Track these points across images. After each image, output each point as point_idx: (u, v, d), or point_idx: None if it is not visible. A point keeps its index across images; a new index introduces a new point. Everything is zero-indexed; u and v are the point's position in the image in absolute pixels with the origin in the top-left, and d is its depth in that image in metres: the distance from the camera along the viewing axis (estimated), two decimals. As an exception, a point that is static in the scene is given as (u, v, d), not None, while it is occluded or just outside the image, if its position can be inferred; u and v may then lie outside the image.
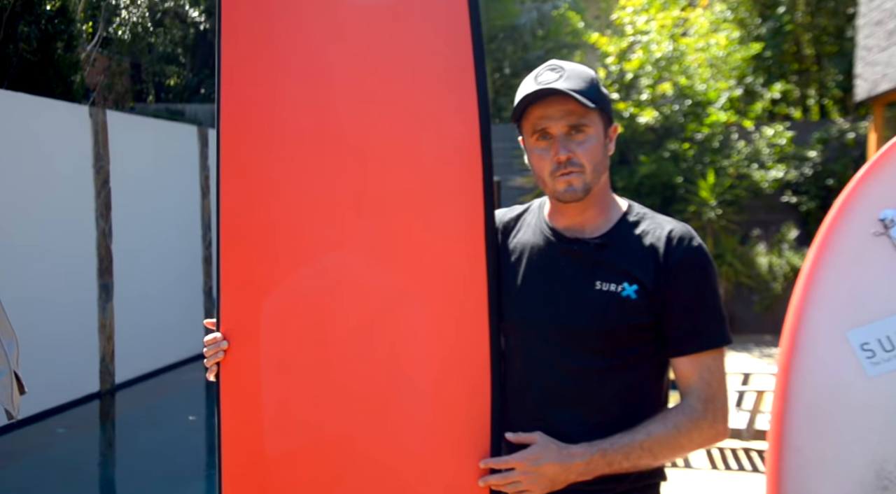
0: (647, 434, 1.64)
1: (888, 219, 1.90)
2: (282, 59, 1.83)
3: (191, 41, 15.23)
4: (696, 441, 1.67)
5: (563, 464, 1.63)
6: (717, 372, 1.69)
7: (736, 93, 11.56)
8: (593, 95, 1.68)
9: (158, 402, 8.47)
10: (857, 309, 1.89)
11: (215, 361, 1.80)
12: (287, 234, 1.81)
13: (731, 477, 5.14)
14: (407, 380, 1.78)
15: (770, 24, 12.92)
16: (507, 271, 1.80)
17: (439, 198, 1.78)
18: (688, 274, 1.67)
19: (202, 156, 10.11)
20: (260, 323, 1.79)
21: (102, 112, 8.30)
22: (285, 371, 1.80)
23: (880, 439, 1.83)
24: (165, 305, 9.17)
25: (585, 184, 1.69)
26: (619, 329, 1.67)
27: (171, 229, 9.48)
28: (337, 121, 1.81)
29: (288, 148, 1.81)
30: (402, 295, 1.78)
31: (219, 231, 1.81)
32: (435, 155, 1.79)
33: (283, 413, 1.79)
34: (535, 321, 1.73)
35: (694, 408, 1.66)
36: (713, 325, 1.69)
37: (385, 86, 1.80)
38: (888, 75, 8.43)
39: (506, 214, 1.90)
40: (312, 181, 1.81)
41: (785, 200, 10.77)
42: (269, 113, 1.82)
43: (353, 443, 1.78)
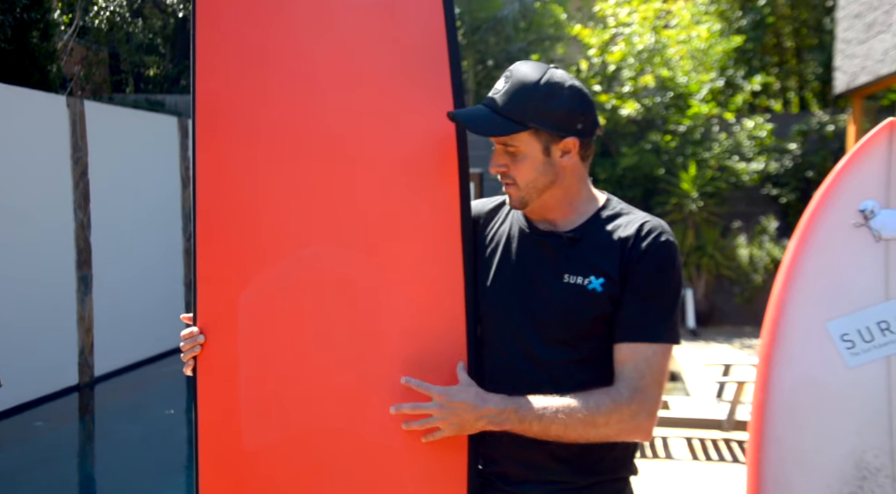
0: (566, 404, 1.61)
1: (868, 209, 1.91)
2: (257, 50, 1.81)
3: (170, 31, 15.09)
4: (614, 426, 1.62)
5: (476, 406, 1.62)
6: (655, 366, 1.64)
7: (717, 86, 11.60)
8: (521, 114, 1.63)
9: (138, 395, 8.41)
10: (837, 301, 1.89)
11: (192, 355, 1.78)
12: (263, 227, 1.79)
13: (712, 468, 5.17)
14: (385, 372, 1.77)
15: (751, 16, 12.97)
16: (483, 260, 1.79)
17: (416, 190, 1.78)
18: (647, 263, 1.65)
19: (182, 148, 10.02)
20: (237, 316, 1.77)
21: (80, 102, 8.20)
22: (263, 364, 1.78)
23: (859, 430, 1.84)
24: (145, 297, 9.10)
25: (520, 197, 1.70)
26: (584, 321, 1.66)
27: (151, 221, 9.40)
28: (312, 113, 1.79)
29: (264, 140, 1.80)
30: (379, 287, 1.77)
31: (194, 223, 1.79)
32: (411, 146, 1.78)
33: (260, 407, 1.78)
34: (507, 311, 1.73)
35: (620, 393, 1.62)
36: (661, 319, 1.65)
37: (361, 78, 1.79)
38: (867, 68, 8.49)
39: (486, 204, 1.89)
40: (288, 173, 1.79)
41: (765, 192, 10.84)
42: (244, 105, 1.80)
43: (331, 437, 1.77)
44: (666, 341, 1.66)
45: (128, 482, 5.91)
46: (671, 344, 1.67)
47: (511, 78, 1.67)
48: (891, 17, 7.94)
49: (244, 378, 1.78)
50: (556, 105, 1.65)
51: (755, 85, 11.70)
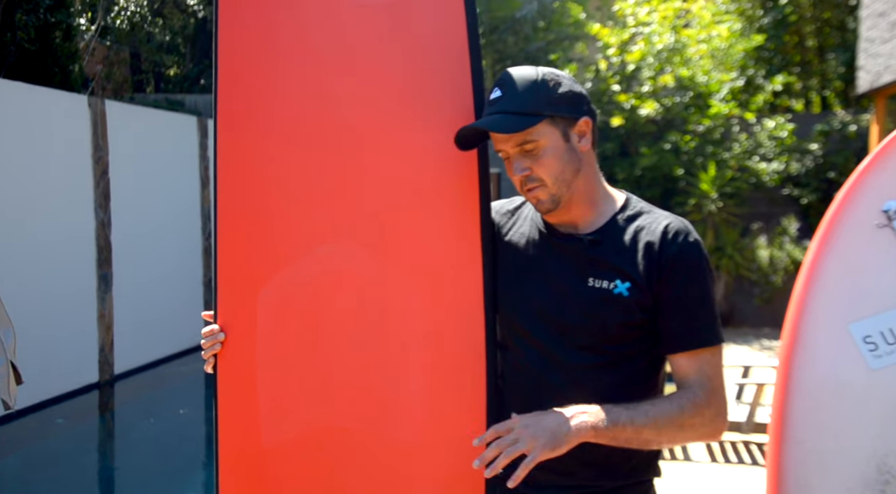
0: (653, 405, 1.60)
1: (892, 210, 1.88)
2: (279, 49, 1.82)
3: (191, 31, 15.18)
4: (698, 427, 1.62)
5: (563, 415, 1.54)
6: (717, 368, 1.66)
7: (737, 85, 11.52)
8: (534, 106, 1.63)
9: (157, 393, 8.47)
10: (859, 302, 1.87)
11: (212, 353, 1.79)
12: (284, 226, 1.79)
13: (731, 470, 5.14)
14: (403, 372, 1.77)
15: (772, 15, 12.86)
16: (503, 264, 1.78)
17: (436, 191, 1.78)
18: (681, 269, 1.63)
19: (202, 147, 10.08)
20: (257, 315, 1.78)
21: (101, 102, 8.27)
22: (282, 363, 1.78)
23: (882, 433, 1.82)
24: (165, 296, 9.16)
25: (551, 196, 1.67)
26: (611, 326, 1.64)
27: (171, 220, 9.46)
28: (335, 112, 1.79)
29: (285, 139, 1.80)
30: (398, 287, 1.77)
31: (216, 222, 1.80)
32: (431, 146, 1.78)
33: (279, 405, 1.78)
34: (528, 315, 1.71)
35: (698, 395, 1.62)
36: (709, 322, 1.66)
37: (382, 79, 1.79)
38: (891, 67, 8.40)
39: (504, 206, 1.88)
40: (310, 173, 1.79)
41: (786, 193, 10.75)
42: (266, 103, 1.81)
43: (349, 435, 1.77)
44: (719, 342, 1.67)
45: (147, 479, 5.95)
46: (722, 343, 1.68)
47: (507, 82, 1.67)
48: (914, 16, 7.85)
49: (263, 376, 1.78)
50: (561, 90, 1.66)
51: (776, 84, 11.61)
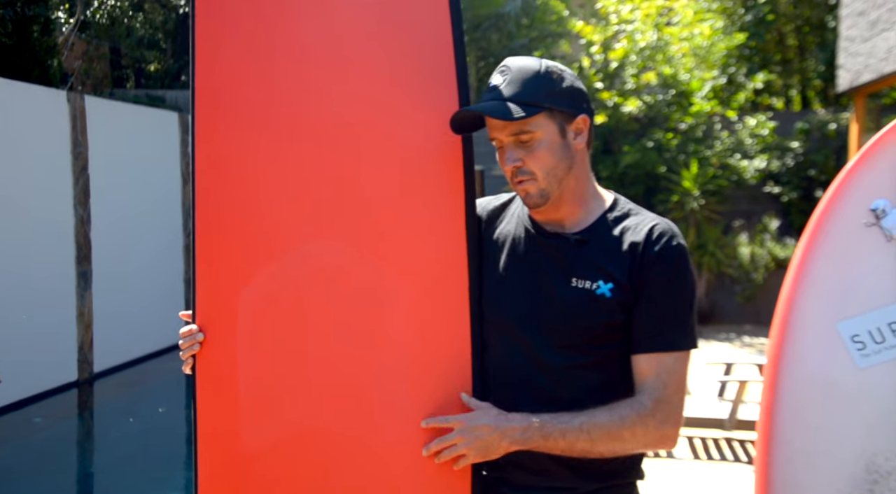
0: (589, 418, 1.59)
1: (879, 209, 1.88)
2: (258, 44, 1.78)
3: (171, 26, 15.05)
4: (640, 438, 1.61)
5: (499, 427, 1.59)
6: (677, 375, 1.62)
7: (719, 83, 11.57)
8: (535, 97, 1.61)
9: (137, 392, 8.39)
10: (847, 301, 1.86)
11: (191, 354, 1.75)
12: (264, 224, 1.76)
13: (714, 467, 5.15)
14: (387, 372, 1.74)
15: (753, 13, 12.93)
16: (488, 261, 1.76)
17: (420, 187, 1.75)
18: (661, 269, 1.61)
19: (183, 143, 9.99)
20: (237, 314, 1.74)
21: (80, 97, 8.17)
22: (263, 363, 1.75)
23: (870, 432, 1.81)
24: (145, 294, 9.08)
25: (541, 190, 1.65)
26: (594, 327, 1.63)
27: (152, 217, 9.37)
28: (315, 108, 1.76)
29: (264, 135, 1.76)
30: (381, 286, 1.74)
31: (193, 220, 1.76)
32: (415, 142, 1.75)
33: (260, 406, 1.75)
34: (511, 314, 1.70)
35: (643, 405, 1.60)
36: (680, 326, 1.63)
37: (364, 73, 1.76)
38: (870, 66, 8.45)
39: (490, 202, 1.86)
40: (290, 169, 1.76)
41: (767, 191, 10.81)
42: (245, 99, 1.77)
43: (332, 437, 1.74)
44: (686, 348, 1.63)
45: (126, 478, 5.89)
46: (690, 350, 1.64)
47: (510, 70, 1.65)
48: (894, 15, 7.90)
49: (243, 377, 1.75)
50: (564, 85, 1.65)
51: (757, 83, 11.67)
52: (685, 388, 1.64)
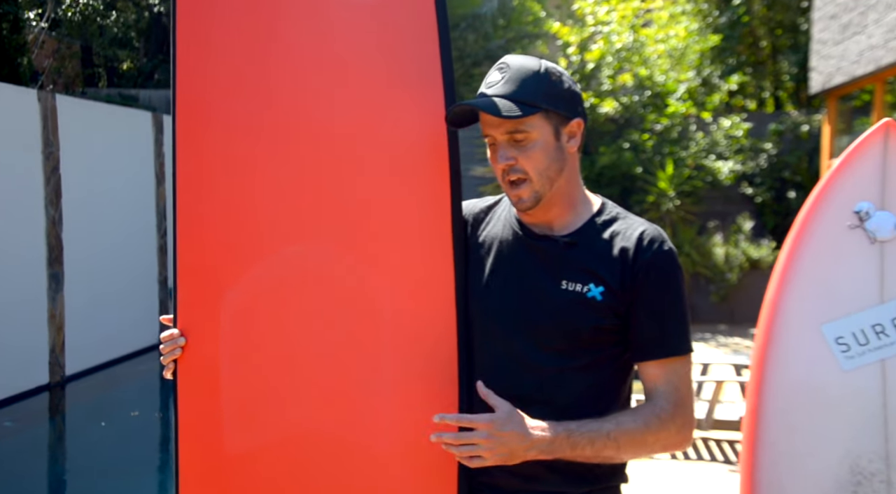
0: (616, 425, 1.59)
1: (863, 211, 1.88)
2: (241, 43, 1.75)
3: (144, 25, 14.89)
4: (662, 441, 1.62)
5: (527, 436, 1.55)
6: (686, 378, 1.64)
7: (694, 85, 11.65)
8: (533, 97, 1.60)
9: (110, 395, 8.28)
10: (832, 303, 1.87)
11: (172, 358, 1.72)
12: (247, 227, 1.73)
13: (690, 467, 5.17)
14: (373, 375, 1.72)
15: (727, 15, 13.04)
16: (474, 264, 1.74)
17: (405, 189, 1.73)
18: (654, 276, 1.62)
19: (157, 143, 9.88)
20: (219, 318, 1.72)
21: (52, 96, 8.05)
22: (246, 367, 1.72)
23: (854, 434, 1.81)
24: (118, 295, 8.96)
25: (534, 193, 1.64)
26: (583, 330, 1.62)
27: (125, 218, 9.26)
28: (299, 108, 1.74)
29: (247, 136, 1.74)
30: (367, 288, 1.72)
31: (175, 223, 1.73)
32: (401, 144, 1.73)
33: (243, 411, 1.72)
34: (500, 316, 1.68)
35: (664, 409, 1.61)
36: (680, 331, 1.64)
37: (349, 74, 1.74)
38: (842, 68, 8.55)
39: (476, 205, 1.84)
40: (273, 171, 1.73)
41: (741, 191, 10.90)
42: (227, 100, 1.74)
43: (317, 442, 1.72)
44: (689, 351, 1.65)
45: (98, 483, 5.80)
46: (692, 352, 1.66)
47: (509, 68, 1.63)
48: (865, 18, 8.00)
49: (226, 381, 1.72)
50: (562, 87, 1.64)
51: (732, 84, 11.77)
52: (693, 391, 1.66)
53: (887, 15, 7.35)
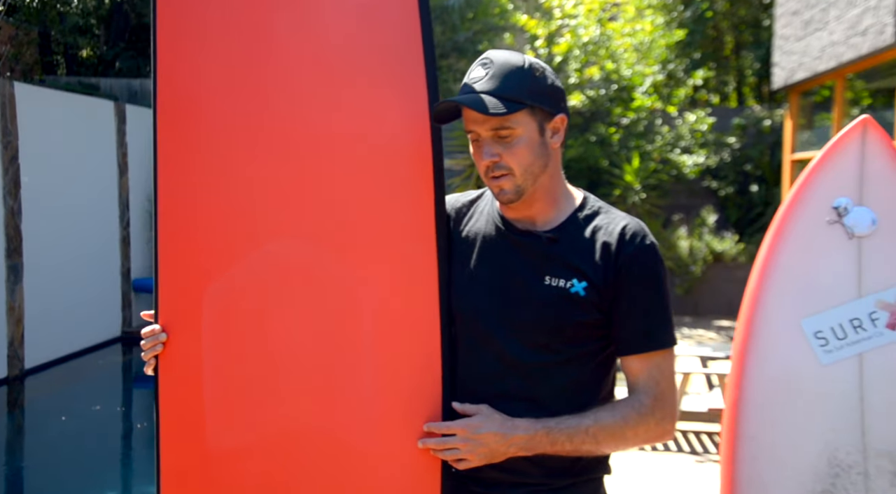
0: (595, 421, 1.61)
1: (841, 207, 1.91)
2: (224, 39, 1.72)
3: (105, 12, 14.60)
4: (642, 435, 1.64)
5: (505, 435, 1.59)
6: (667, 371, 1.66)
7: (659, 79, 11.75)
8: (518, 93, 1.59)
9: (71, 389, 8.14)
10: (811, 298, 1.89)
11: (153, 354, 1.69)
12: (230, 222, 1.70)
13: (658, 458, 5.23)
14: (355, 371, 1.70)
15: (692, 10, 13.16)
16: (457, 259, 1.74)
17: (388, 185, 1.72)
18: (637, 271, 1.63)
19: (119, 133, 9.70)
20: (202, 313, 1.69)
21: (9, 84, 7.86)
22: (229, 363, 1.70)
23: (832, 427, 1.84)
24: (79, 287, 8.80)
25: (516, 187, 1.63)
26: (566, 325, 1.63)
27: (87, 208, 9.09)
28: (284, 104, 1.71)
29: (230, 131, 1.71)
30: (350, 284, 1.71)
31: (156, 217, 1.69)
32: (384, 140, 1.72)
33: (226, 408, 1.70)
34: (483, 312, 1.68)
35: (643, 404, 1.63)
36: (663, 325, 1.66)
37: (332, 70, 1.72)
38: (804, 64, 8.68)
39: (458, 199, 1.83)
40: (256, 166, 1.71)
41: (705, 185, 11.03)
42: (210, 95, 1.71)
43: (300, 438, 1.70)
44: (672, 344, 1.66)
45: (58, 478, 5.70)
46: (675, 345, 1.67)
47: (493, 64, 1.62)
48: (827, 14, 8.12)
49: (209, 377, 1.69)
50: (546, 83, 1.64)
51: (697, 79, 11.89)
52: (675, 383, 1.67)
53: (848, 12, 7.47)
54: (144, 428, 6.89)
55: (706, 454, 5.30)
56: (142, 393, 8.31)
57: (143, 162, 9.99)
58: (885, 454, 1.81)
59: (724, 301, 10.13)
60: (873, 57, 6.89)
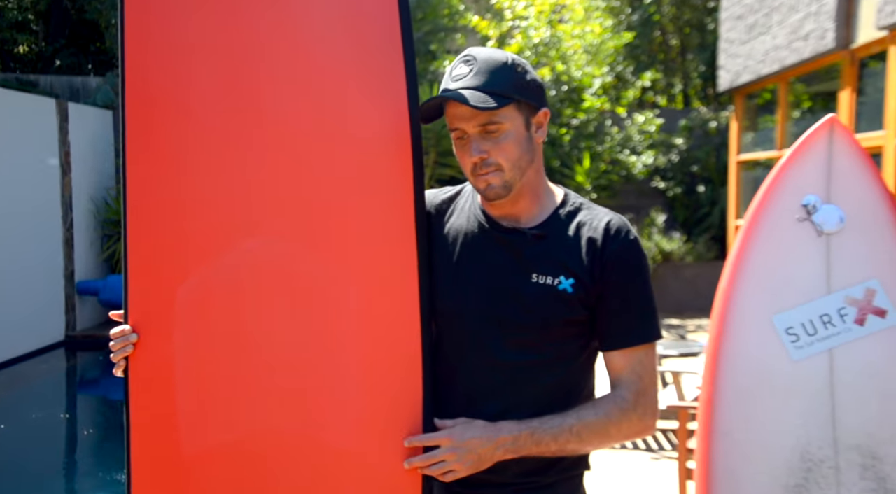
0: (578, 419, 1.61)
1: (811, 204, 1.94)
2: (195, 32, 1.68)
3: (43, 7, 14.20)
4: (625, 431, 1.65)
5: (490, 438, 1.58)
6: (649, 366, 1.66)
7: (608, 81, 11.89)
8: (505, 88, 1.59)
9: (11, 395, 7.89)
10: (782, 294, 1.92)
11: (123, 356, 1.64)
12: (202, 220, 1.65)
13: (613, 455, 5.27)
14: (334, 371, 1.67)
15: (640, 13, 13.35)
16: (438, 257, 1.71)
17: (367, 182, 1.68)
18: (623, 267, 1.63)
19: (62, 132, 9.43)
20: (174, 313, 1.64)
21: (-53, 80, 7.59)
22: (202, 364, 1.65)
23: (804, 422, 1.87)
24: (21, 290, 8.54)
25: (505, 182, 1.62)
26: (552, 323, 1.62)
27: (27, 209, 8.81)
28: (259, 99, 1.67)
29: (202, 126, 1.66)
30: (327, 281, 1.67)
31: (125, 215, 1.63)
32: (362, 136, 1.69)
33: (200, 409, 1.65)
34: (468, 312, 1.66)
35: (625, 399, 1.63)
36: (647, 320, 1.66)
37: (309, 67, 1.68)
38: (749, 67, 8.86)
39: (437, 196, 1.81)
40: (230, 162, 1.66)
41: (654, 185, 11.20)
42: (181, 89, 1.67)
43: (276, 440, 1.66)
44: (654, 339, 1.66)
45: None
46: (658, 339, 1.67)
47: (476, 60, 1.61)
48: (770, 19, 8.30)
49: (182, 379, 1.64)
50: (529, 77, 1.64)
51: (645, 81, 12.06)
52: (657, 378, 1.68)
53: (790, 17, 7.65)
54: (90, 435, 6.71)
55: (661, 451, 5.36)
56: (86, 398, 8.10)
57: (87, 161, 9.75)
58: (855, 447, 1.84)
59: (672, 300, 10.28)
60: (815, 61, 7.06)
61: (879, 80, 6.07)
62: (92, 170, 9.92)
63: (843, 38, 6.38)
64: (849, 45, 6.33)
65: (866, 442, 1.83)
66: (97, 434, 6.83)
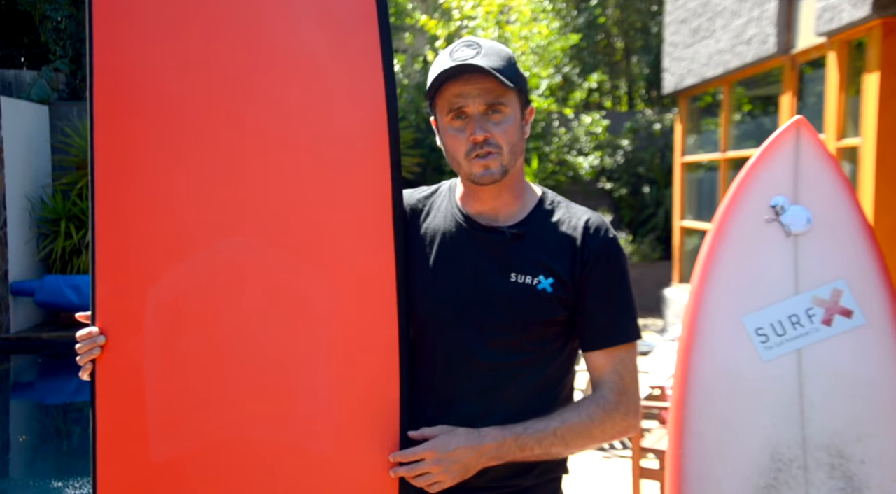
0: (561, 422, 1.60)
1: (779, 205, 1.96)
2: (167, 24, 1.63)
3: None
4: (609, 432, 1.64)
5: (475, 447, 1.56)
6: (630, 365, 1.66)
7: (555, 82, 11.99)
8: (511, 74, 1.59)
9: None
10: (751, 295, 1.94)
11: (90, 359, 1.58)
12: (174, 219, 1.60)
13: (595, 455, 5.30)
14: (309, 375, 1.63)
15: (585, 16, 13.50)
16: (416, 258, 1.68)
17: (343, 180, 1.65)
18: (603, 266, 1.63)
19: (-4, 125, 9.11)
20: (144, 315, 1.58)
21: None
22: (173, 368, 1.60)
23: (774, 422, 1.89)
24: (-48, 290, 8.23)
25: (503, 165, 1.61)
26: (532, 323, 1.61)
27: (-41, 205, 8.50)
28: (233, 96, 1.63)
29: (173, 123, 1.62)
30: (303, 283, 1.63)
31: (93, 213, 1.57)
32: (339, 134, 1.65)
33: (170, 414, 1.59)
34: (447, 313, 1.64)
35: (608, 400, 1.63)
36: (627, 319, 1.66)
37: (285, 64, 1.65)
38: (693, 70, 9.02)
39: (413, 195, 1.78)
40: (202, 161, 1.61)
41: (600, 186, 11.33)
42: (152, 84, 1.61)
43: (250, 445, 1.62)
44: (634, 339, 1.65)
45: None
46: (638, 339, 1.67)
47: (480, 45, 1.61)
48: (714, 24, 8.47)
49: (151, 383, 1.59)
50: (521, 74, 1.65)
51: (592, 82, 12.19)
52: (638, 377, 1.67)
53: (733, 21, 7.81)
54: (25, 442, 6.49)
55: (612, 449, 5.41)
56: (21, 403, 7.84)
57: (22, 157, 9.43)
58: (823, 447, 1.87)
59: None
60: (757, 65, 7.23)
61: (819, 85, 6.24)
62: (27, 167, 9.60)
63: (783, 43, 6.53)
64: (789, 51, 6.49)
65: (834, 442, 1.86)
66: (31, 441, 6.61)
